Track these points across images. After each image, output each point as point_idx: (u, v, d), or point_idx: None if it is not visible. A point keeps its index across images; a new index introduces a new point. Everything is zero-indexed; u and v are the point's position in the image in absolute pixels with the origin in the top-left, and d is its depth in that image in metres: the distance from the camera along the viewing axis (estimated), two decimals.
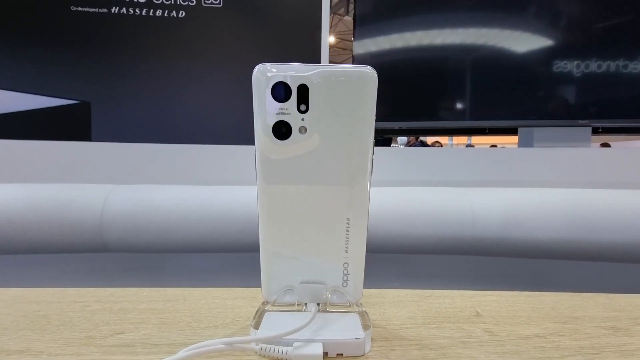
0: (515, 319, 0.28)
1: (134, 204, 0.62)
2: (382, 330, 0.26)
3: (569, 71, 0.82)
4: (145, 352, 0.23)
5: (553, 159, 0.75)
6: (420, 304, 0.31)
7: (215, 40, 0.91)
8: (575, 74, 0.82)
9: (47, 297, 0.32)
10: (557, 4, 0.80)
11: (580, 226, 0.60)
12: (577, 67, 0.81)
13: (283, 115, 0.22)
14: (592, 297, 0.33)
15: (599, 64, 0.80)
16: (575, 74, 0.82)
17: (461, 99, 0.87)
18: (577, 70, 0.81)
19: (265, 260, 0.26)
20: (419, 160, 0.76)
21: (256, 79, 0.22)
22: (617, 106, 0.83)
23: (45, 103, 0.89)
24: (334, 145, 0.23)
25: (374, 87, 0.22)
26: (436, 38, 0.86)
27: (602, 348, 0.24)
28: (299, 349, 0.22)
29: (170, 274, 0.69)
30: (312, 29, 0.90)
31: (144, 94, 0.90)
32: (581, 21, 0.80)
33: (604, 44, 0.80)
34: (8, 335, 0.25)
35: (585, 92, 0.83)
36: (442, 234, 0.61)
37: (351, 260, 0.25)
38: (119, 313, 0.29)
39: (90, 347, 0.24)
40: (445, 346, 0.24)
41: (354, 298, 0.26)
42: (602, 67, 0.80)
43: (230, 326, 0.27)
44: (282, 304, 0.26)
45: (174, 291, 0.34)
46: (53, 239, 0.61)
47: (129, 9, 0.89)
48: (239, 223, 0.61)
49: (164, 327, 0.27)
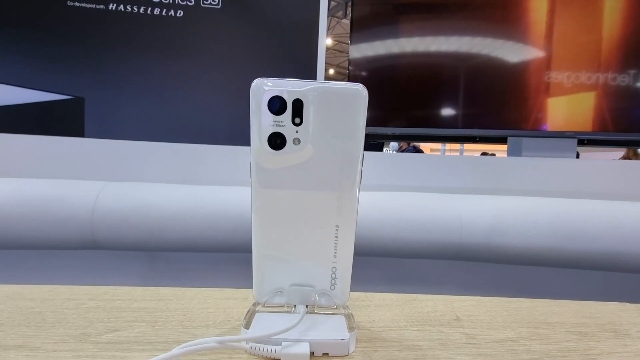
0: (492, 323, 0.30)
1: (126, 202, 0.63)
2: (367, 332, 0.28)
3: (558, 82, 0.84)
4: (139, 349, 0.24)
5: (540, 169, 0.77)
6: (404, 308, 0.33)
7: (213, 41, 0.91)
8: (564, 86, 0.84)
9: (41, 294, 0.33)
10: (549, 16, 0.83)
11: (562, 234, 0.62)
12: (567, 78, 0.84)
13: (278, 127, 0.23)
14: (565, 304, 0.35)
15: (588, 75, 0.83)
16: (564, 86, 0.84)
17: (454, 107, 0.89)
18: (567, 82, 0.84)
19: (257, 263, 0.27)
20: (409, 166, 0.77)
21: (254, 92, 0.23)
22: (604, 118, 0.86)
23: (38, 97, 0.89)
24: (325, 157, 0.24)
25: (365, 104, 0.23)
26: (431, 45, 0.88)
27: (569, 352, 0.26)
28: (287, 348, 0.23)
29: (161, 273, 0.70)
30: (309, 32, 0.91)
31: (138, 92, 0.90)
32: (571, 33, 0.83)
33: (595, 57, 0.83)
34: (4, 330, 0.26)
35: (572, 103, 0.86)
36: (430, 239, 0.63)
37: (339, 265, 0.27)
38: (112, 311, 0.30)
39: (86, 343, 0.25)
40: (425, 348, 0.26)
41: (341, 301, 0.27)
42: (591, 79, 0.83)
43: (221, 326, 0.28)
44: (272, 305, 0.27)
45: (167, 291, 0.35)
46: (43, 235, 0.61)
47: (127, 6, 0.89)
48: (230, 223, 0.61)
49: (158, 326, 0.28)
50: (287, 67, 0.92)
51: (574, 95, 0.85)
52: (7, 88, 0.86)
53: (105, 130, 0.90)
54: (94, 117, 0.90)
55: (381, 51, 0.90)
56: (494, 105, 0.87)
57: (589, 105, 0.85)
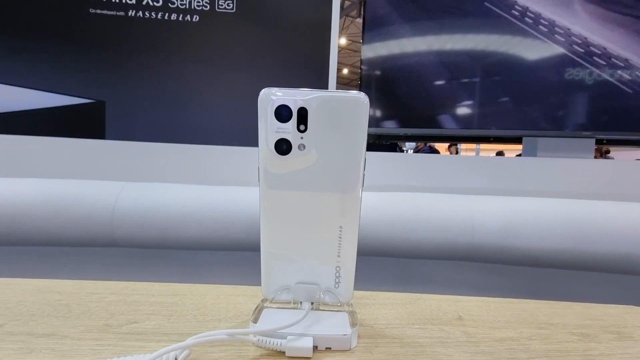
0: (494, 323, 0.31)
1: (144, 202, 0.65)
2: (369, 328, 0.29)
3: (577, 81, 0.82)
4: (156, 339, 0.26)
5: (555, 169, 0.76)
6: (408, 306, 0.34)
7: (228, 44, 0.94)
8: (584, 84, 0.82)
9: (67, 288, 0.35)
10: (568, 12, 0.80)
11: (577, 236, 0.62)
12: (589, 75, 0.81)
13: (284, 134, 0.25)
14: (570, 306, 0.35)
15: (611, 72, 0.81)
16: (584, 84, 0.82)
17: (468, 106, 0.88)
18: (589, 79, 0.81)
19: (265, 261, 0.28)
20: (422, 166, 0.77)
21: (261, 101, 0.25)
22: (622, 118, 0.83)
23: (62, 101, 0.93)
24: (329, 162, 0.26)
25: (366, 111, 0.25)
26: (445, 44, 0.87)
27: (568, 352, 0.26)
28: (292, 342, 0.24)
29: (176, 270, 0.72)
30: (322, 33, 0.92)
31: (157, 95, 0.93)
32: (593, 29, 0.81)
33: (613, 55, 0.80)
34: (36, 320, 0.28)
35: (590, 102, 0.84)
36: (441, 240, 0.63)
37: (343, 264, 0.28)
38: (132, 305, 0.32)
39: (108, 333, 0.27)
40: (425, 345, 0.27)
41: (345, 298, 0.29)
42: (614, 75, 0.81)
43: (232, 320, 0.30)
44: (279, 301, 0.29)
45: (182, 287, 0.37)
46: (67, 232, 0.65)
47: (145, 12, 0.93)
48: (242, 223, 0.63)
49: (173, 319, 0.29)
50: (299, 68, 0.94)
51: (593, 93, 0.83)
52: (34, 93, 0.91)
53: (124, 132, 0.94)
54: (114, 119, 0.93)
55: (394, 50, 0.89)
56: (509, 104, 0.86)
57: (608, 103, 0.83)
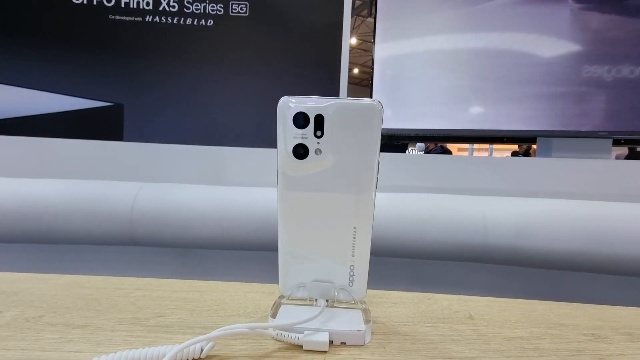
0: (504, 322, 0.31)
1: (161, 202, 0.68)
2: (382, 326, 0.30)
3: (594, 79, 0.81)
4: (182, 332, 0.28)
5: (571, 170, 0.75)
6: (419, 305, 0.35)
7: (241, 47, 0.96)
8: (602, 82, 0.80)
9: (95, 284, 0.37)
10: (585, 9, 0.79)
11: (592, 238, 0.61)
12: (607, 71, 0.79)
13: (302, 139, 0.26)
14: (582, 307, 0.35)
15: (631, 69, 0.78)
16: (602, 82, 0.80)
17: (480, 106, 0.87)
18: (608, 75, 0.80)
19: (283, 259, 0.30)
20: (434, 167, 0.77)
21: (280, 108, 0.26)
22: None
23: (82, 105, 0.96)
24: (344, 165, 0.27)
25: (380, 117, 0.26)
26: (458, 42, 0.87)
27: (579, 352, 0.27)
28: (309, 336, 0.26)
29: (191, 268, 0.75)
30: (333, 34, 0.93)
31: (173, 98, 0.96)
32: (610, 27, 0.79)
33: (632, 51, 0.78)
34: (71, 313, 0.30)
35: (607, 102, 0.82)
36: (453, 241, 0.63)
37: (357, 263, 0.29)
38: (157, 300, 0.34)
39: (137, 326, 0.28)
40: (436, 342, 0.28)
41: (358, 296, 0.30)
42: (634, 72, 0.79)
43: (250, 315, 0.31)
44: (296, 298, 0.30)
45: (201, 283, 0.39)
46: (88, 231, 0.68)
47: (162, 17, 0.95)
48: (256, 223, 0.65)
49: (195, 313, 0.31)
50: (311, 69, 0.95)
51: (611, 92, 0.81)
52: (56, 96, 0.95)
53: (142, 134, 0.97)
54: (132, 122, 0.96)
55: (406, 50, 0.90)
56: (523, 103, 0.85)
57: (627, 102, 0.81)
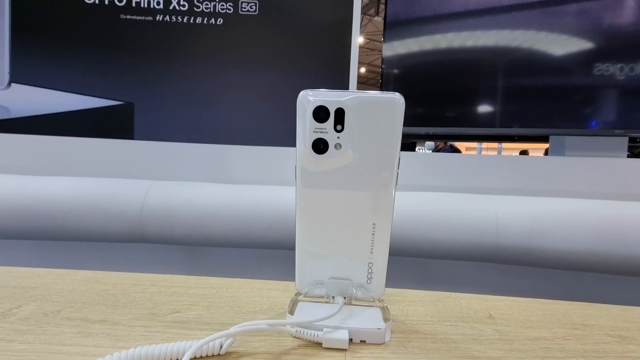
0: (526, 322, 0.31)
1: (171, 200, 0.68)
2: (401, 324, 0.30)
3: (607, 76, 0.79)
4: (200, 328, 0.28)
5: (585, 169, 0.74)
6: (437, 304, 0.34)
7: (251, 46, 0.96)
8: (615, 79, 0.79)
9: (111, 280, 0.37)
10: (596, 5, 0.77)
11: (607, 239, 0.60)
12: (620, 70, 0.78)
13: (321, 134, 0.26)
14: (605, 308, 0.34)
15: None
16: (615, 79, 0.79)
17: (491, 104, 0.86)
18: (620, 74, 0.78)
19: (300, 256, 0.29)
20: (445, 166, 0.77)
21: (300, 102, 0.26)
22: None
23: (94, 103, 0.97)
24: (364, 160, 0.26)
25: (401, 111, 0.25)
26: (467, 40, 0.86)
27: (606, 353, 0.26)
28: (329, 334, 0.25)
29: (201, 266, 0.75)
30: (343, 33, 0.93)
31: (183, 96, 0.96)
32: (622, 23, 0.77)
33: None
34: (89, 308, 0.30)
35: (623, 99, 0.80)
36: (465, 240, 0.63)
37: (375, 261, 0.29)
38: (173, 296, 0.34)
39: (154, 321, 0.28)
40: (458, 341, 0.27)
41: (377, 294, 0.29)
42: None
43: (267, 312, 0.31)
44: (313, 295, 0.30)
45: (216, 280, 0.39)
46: (99, 228, 0.68)
47: (172, 16, 0.96)
48: (266, 221, 0.65)
49: (212, 310, 0.31)
50: (320, 68, 0.95)
51: (626, 89, 0.79)
52: (68, 95, 0.96)
53: (152, 132, 0.97)
54: (142, 120, 0.97)
55: (415, 49, 0.89)
56: (534, 101, 0.84)
57: None
